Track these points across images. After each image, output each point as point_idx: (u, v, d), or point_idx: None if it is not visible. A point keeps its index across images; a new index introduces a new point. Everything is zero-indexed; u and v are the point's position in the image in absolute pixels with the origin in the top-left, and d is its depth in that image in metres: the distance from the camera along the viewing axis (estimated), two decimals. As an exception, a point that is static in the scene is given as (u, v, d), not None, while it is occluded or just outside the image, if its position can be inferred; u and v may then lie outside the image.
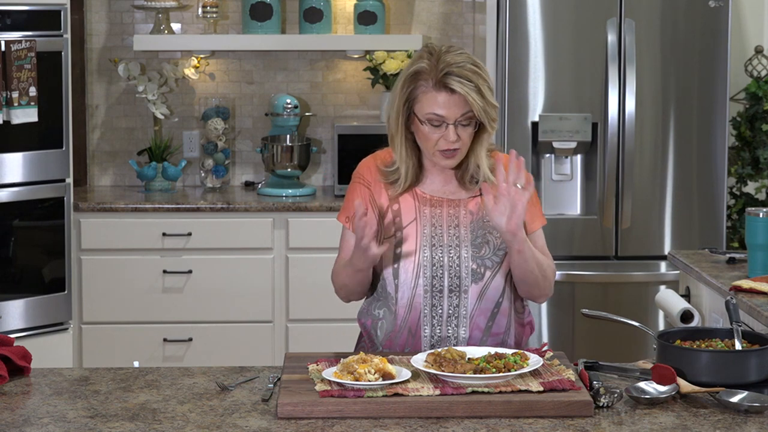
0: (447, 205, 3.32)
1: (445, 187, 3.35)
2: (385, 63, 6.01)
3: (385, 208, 3.33)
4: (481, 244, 3.29)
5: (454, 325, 3.30)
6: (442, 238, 3.30)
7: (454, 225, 3.31)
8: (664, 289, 4.78)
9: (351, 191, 3.40)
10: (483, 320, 3.31)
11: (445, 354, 2.94)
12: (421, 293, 3.29)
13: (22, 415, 2.81)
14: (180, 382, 3.04)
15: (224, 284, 5.71)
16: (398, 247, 3.30)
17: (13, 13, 5.36)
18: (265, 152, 5.98)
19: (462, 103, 3.20)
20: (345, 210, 3.40)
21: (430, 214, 3.32)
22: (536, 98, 5.54)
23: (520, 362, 2.94)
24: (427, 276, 3.29)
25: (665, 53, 5.54)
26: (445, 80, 3.19)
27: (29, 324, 5.47)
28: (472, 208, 3.32)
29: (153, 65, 6.23)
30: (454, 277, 3.29)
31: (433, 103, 3.21)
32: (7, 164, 5.39)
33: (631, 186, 5.55)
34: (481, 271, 3.29)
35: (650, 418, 2.77)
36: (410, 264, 3.29)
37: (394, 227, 3.31)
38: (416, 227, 3.30)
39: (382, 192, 3.35)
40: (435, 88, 3.21)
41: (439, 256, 3.29)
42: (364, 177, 3.39)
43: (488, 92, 3.22)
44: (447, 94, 3.20)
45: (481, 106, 3.20)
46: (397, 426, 2.72)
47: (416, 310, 3.30)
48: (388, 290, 3.33)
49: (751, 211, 3.99)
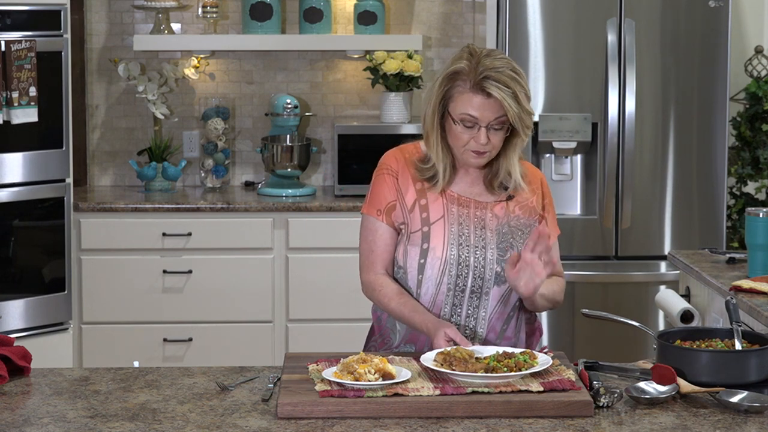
0: (474, 206, 3.32)
1: (472, 188, 3.34)
2: (385, 63, 6.01)
3: (413, 201, 3.32)
4: (506, 248, 3.30)
5: (472, 326, 3.31)
6: (469, 239, 3.30)
7: (480, 227, 3.31)
8: (664, 289, 4.78)
9: (379, 182, 3.35)
10: (499, 324, 3.34)
11: (454, 353, 2.94)
12: (444, 291, 3.30)
13: (22, 415, 2.81)
14: (180, 382, 3.04)
15: (224, 284, 5.71)
16: (425, 243, 3.30)
17: (13, 13, 5.36)
18: (265, 152, 5.98)
19: (497, 107, 3.20)
20: (374, 203, 3.35)
21: (458, 213, 3.31)
22: (536, 98, 5.54)
23: (530, 361, 2.94)
24: (452, 274, 3.29)
25: (665, 53, 5.54)
26: (483, 83, 3.18)
27: (29, 324, 5.47)
28: (498, 212, 3.32)
29: (153, 65, 6.23)
30: (477, 278, 3.29)
31: (467, 104, 3.21)
32: (7, 164, 5.39)
33: (631, 186, 5.55)
34: (504, 274, 3.29)
35: (650, 418, 2.77)
36: (437, 261, 3.28)
37: (421, 222, 3.31)
38: (444, 225, 3.30)
39: (409, 184, 3.33)
40: (472, 90, 3.20)
41: (466, 255, 3.29)
42: (390, 167, 3.35)
43: (524, 99, 3.21)
44: (483, 97, 3.20)
45: (516, 113, 3.19)
46: (397, 426, 2.72)
47: (437, 307, 3.30)
48: (409, 285, 3.33)
49: (751, 211, 3.99)
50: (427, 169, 3.32)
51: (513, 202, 3.34)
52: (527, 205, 3.35)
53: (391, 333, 3.40)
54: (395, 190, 3.33)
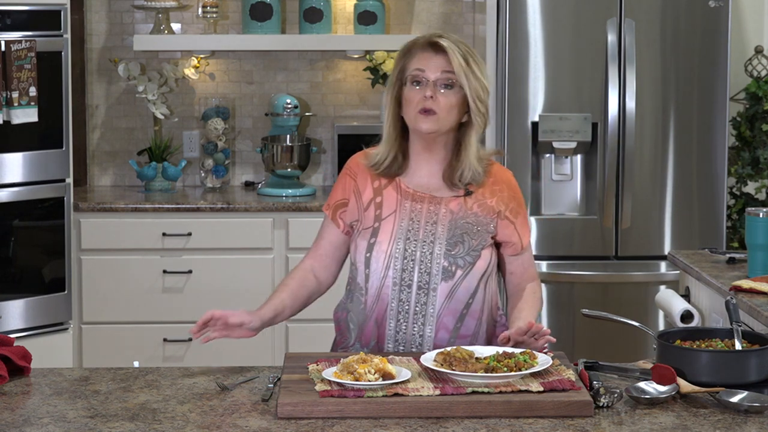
0: (428, 201, 3.32)
1: (429, 182, 3.34)
2: (385, 63, 6.02)
3: (369, 199, 3.34)
4: (456, 243, 3.29)
5: (420, 323, 3.29)
6: (418, 233, 3.29)
7: (432, 221, 3.30)
8: (664, 289, 4.79)
9: (338, 182, 3.43)
10: (451, 320, 3.30)
11: (454, 353, 2.94)
12: (389, 284, 3.29)
13: (22, 415, 2.81)
14: (180, 382, 3.05)
15: (224, 284, 5.71)
16: (373, 237, 3.31)
17: (13, 13, 5.36)
18: (265, 152, 5.98)
19: (445, 62, 3.25)
20: (329, 199, 3.44)
21: (410, 208, 3.32)
22: (536, 98, 5.54)
23: (530, 361, 2.94)
24: (397, 268, 3.28)
25: (665, 53, 5.54)
26: (433, 38, 3.27)
27: (29, 324, 5.47)
28: (454, 207, 3.32)
29: (153, 65, 6.23)
30: (424, 273, 3.28)
31: (417, 61, 3.28)
32: (7, 164, 5.39)
33: (631, 186, 5.55)
34: (452, 269, 3.28)
35: (650, 418, 2.77)
36: (381, 254, 3.29)
37: (374, 218, 3.32)
38: (394, 219, 3.31)
39: (368, 183, 3.35)
40: (422, 48, 3.28)
41: (412, 249, 3.29)
42: (351, 168, 3.41)
43: (477, 69, 3.26)
44: (432, 53, 3.27)
45: (463, 68, 3.23)
46: (397, 426, 2.72)
47: (383, 302, 3.30)
48: (358, 280, 3.35)
49: (751, 211, 3.99)
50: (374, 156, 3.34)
51: (471, 199, 3.33)
52: (486, 203, 3.33)
53: (347, 331, 3.40)
54: (350, 191, 3.37)
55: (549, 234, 5.57)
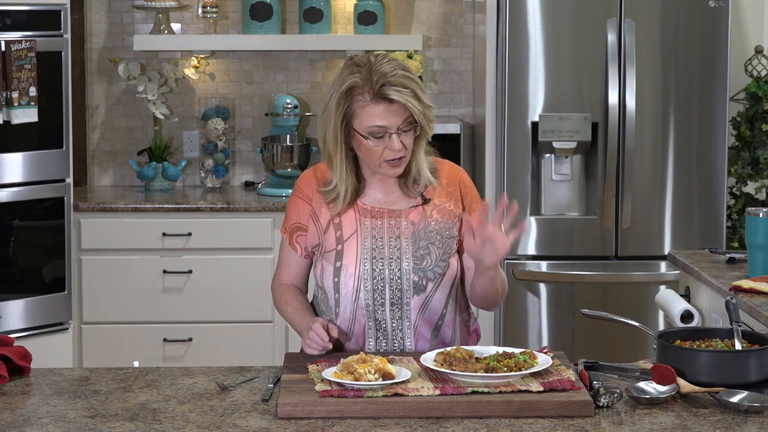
0: (388, 216, 3.29)
1: (386, 197, 3.31)
2: (385, 63, 6.01)
3: (327, 221, 3.31)
4: (423, 256, 3.27)
5: (399, 338, 3.29)
6: (383, 251, 3.27)
7: (395, 236, 3.28)
8: (664, 289, 4.79)
9: (291, 205, 3.37)
10: (428, 330, 3.30)
11: (454, 353, 2.95)
12: (363, 306, 3.27)
13: (22, 415, 2.81)
14: (180, 382, 3.05)
15: (224, 284, 5.71)
16: (338, 261, 3.28)
17: (13, 13, 5.36)
18: (265, 152, 5.98)
19: (401, 110, 3.18)
20: (285, 222, 3.38)
21: (371, 225, 3.29)
22: (536, 98, 5.54)
23: (530, 361, 2.94)
24: (368, 289, 3.26)
25: (665, 53, 5.54)
26: (382, 91, 3.16)
27: (29, 324, 5.47)
28: (414, 218, 3.29)
29: (153, 65, 6.23)
30: (395, 290, 3.27)
31: (373, 116, 3.18)
32: (7, 164, 5.39)
33: (631, 186, 5.55)
34: (423, 283, 3.27)
35: (650, 418, 2.77)
36: (350, 278, 3.26)
37: (335, 240, 3.29)
38: (357, 240, 3.28)
39: (323, 207, 3.31)
40: (373, 100, 3.17)
41: (380, 268, 3.26)
42: (304, 192, 3.35)
43: (423, 95, 3.21)
44: (386, 105, 3.17)
45: (421, 111, 3.19)
46: (397, 426, 2.72)
47: (360, 323, 3.28)
48: (330, 304, 3.32)
49: (751, 211, 3.99)
50: (329, 192, 3.29)
51: (430, 206, 3.31)
52: (445, 209, 3.32)
53: None
54: (307, 216, 3.32)
55: (549, 234, 5.57)
